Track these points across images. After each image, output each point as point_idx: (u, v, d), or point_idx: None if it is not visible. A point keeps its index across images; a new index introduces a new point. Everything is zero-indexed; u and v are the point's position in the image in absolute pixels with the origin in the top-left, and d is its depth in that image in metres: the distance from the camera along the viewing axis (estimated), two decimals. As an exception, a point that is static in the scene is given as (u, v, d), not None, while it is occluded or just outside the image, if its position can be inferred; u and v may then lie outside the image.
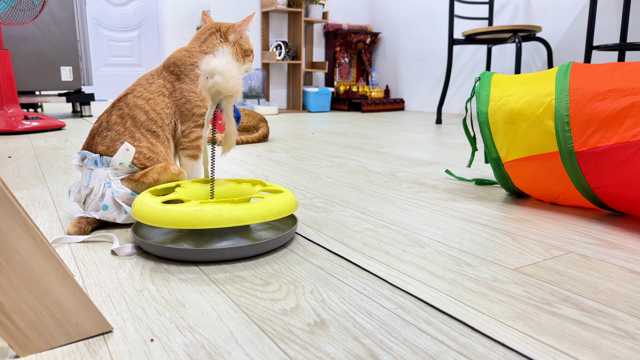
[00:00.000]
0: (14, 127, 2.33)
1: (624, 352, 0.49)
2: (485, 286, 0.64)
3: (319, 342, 0.50)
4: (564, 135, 0.91)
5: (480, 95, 1.07)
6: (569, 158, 0.92)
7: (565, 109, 0.91)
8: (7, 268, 0.46)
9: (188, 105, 0.95)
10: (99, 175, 0.87)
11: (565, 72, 0.97)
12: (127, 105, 0.92)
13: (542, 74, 1.03)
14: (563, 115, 0.91)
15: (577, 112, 0.90)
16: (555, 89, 0.95)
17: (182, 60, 0.96)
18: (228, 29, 0.98)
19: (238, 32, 0.96)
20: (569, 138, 0.91)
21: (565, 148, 0.91)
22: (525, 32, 2.72)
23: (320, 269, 0.70)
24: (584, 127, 0.89)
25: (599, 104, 0.88)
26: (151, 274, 0.68)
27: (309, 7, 4.08)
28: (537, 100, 0.97)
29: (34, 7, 2.52)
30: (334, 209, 1.02)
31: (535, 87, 0.99)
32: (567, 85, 0.93)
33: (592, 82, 0.91)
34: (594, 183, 0.92)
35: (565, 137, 0.91)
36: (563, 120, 0.91)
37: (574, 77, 0.94)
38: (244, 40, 0.97)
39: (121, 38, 5.17)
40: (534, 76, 1.05)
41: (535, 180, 1.02)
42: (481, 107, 1.06)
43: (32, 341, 0.48)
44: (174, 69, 0.96)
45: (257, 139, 2.11)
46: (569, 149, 0.91)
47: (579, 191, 0.96)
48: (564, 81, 0.95)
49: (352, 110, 4.26)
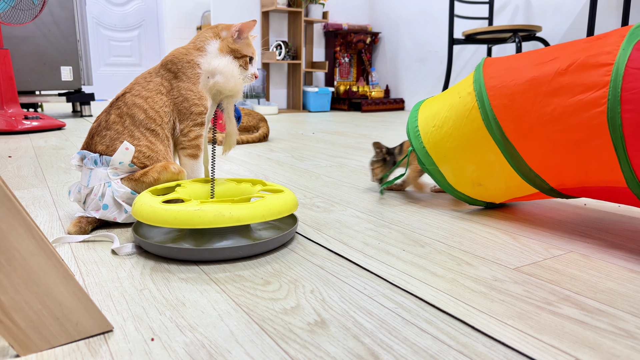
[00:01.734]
0: (14, 127, 2.33)
1: (624, 352, 0.49)
2: (486, 285, 0.64)
3: (319, 342, 0.50)
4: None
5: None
6: (507, 146, 0.88)
7: (490, 111, 0.89)
8: (7, 267, 0.46)
9: (186, 104, 0.95)
10: (98, 174, 0.87)
11: (479, 74, 0.94)
12: (125, 104, 0.92)
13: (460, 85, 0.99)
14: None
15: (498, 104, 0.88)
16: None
17: (179, 58, 0.96)
18: (223, 27, 0.98)
19: (231, 31, 0.96)
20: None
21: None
22: (526, 31, 2.72)
23: (320, 269, 0.70)
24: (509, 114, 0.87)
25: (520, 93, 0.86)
26: (151, 273, 0.68)
27: (309, 7, 4.08)
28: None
29: (34, 7, 2.52)
30: (334, 209, 1.02)
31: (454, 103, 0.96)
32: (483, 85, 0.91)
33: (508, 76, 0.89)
34: (537, 165, 0.87)
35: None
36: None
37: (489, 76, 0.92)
38: (235, 41, 0.96)
39: (121, 38, 5.17)
40: (451, 90, 1.00)
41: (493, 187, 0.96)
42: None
43: (32, 340, 0.48)
44: (172, 67, 0.96)
45: (257, 138, 2.11)
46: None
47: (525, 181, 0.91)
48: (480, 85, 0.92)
49: (352, 110, 4.26)
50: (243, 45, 0.97)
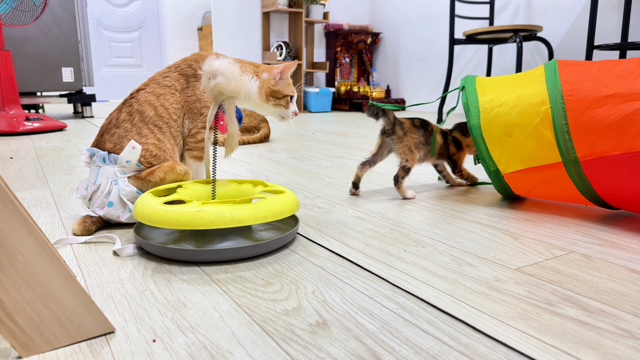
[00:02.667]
0: (15, 128, 2.34)
1: (625, 352, 0.49)
2: (487, 286, 0.64)
3: (320, 343, 0.50)
4: (566, 145, 0.89)
5: (470, 108, 1.03)
6: (574, 167, 0.89)
7: (562, 118, 0.89)
8: (9, 269, 0.46)
9: (198, 104, 0.95)
10: (106, 172, 0.87)
11: (554, 74, 0.93)
12: (137, 101, 0.93)
13: (529, 76, 1.00)
14: (562, 124, 0.88)
15: (576, 120, 0.88)
16: (548, 96, 0.92)
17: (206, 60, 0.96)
18: (264, 69, 0.97)
19: (273, 73, 0.96)
20: (571, 147, 0.88)
21: (568, 157, 0.89)
22: (526, 31, 2.72)
23: (321, 269, 0.70)
24: (586, 136, 0.87)
25: (599, 110, 0.85)
26: (153, 274, 0.68)
27: (309, 8, 4.08)
28: (531, 110, 0.94)
29: (35, 8, 2.52)
30: (335, 209, 1.02)
31: (527, 95, 0.96)
32: (560, 92, 0.90)
33: (586, 87, 0.89)
34: (603, 191, 0.90)
35: (567, 147, 0.89)
36: (562, 130, 0.89)
37: (565, 81, 0.91)
38: (277, 82, 0.97)
39: (122, 39, 5.17)
40: (520, 79, 1.01)
41: (539, 189, 1.00)
42: (473, 120, 1.02)
43: (34, 342, 0.48)
44: (194, 64, 0.96)
45: (258, 139, 2.11)
46: (572, 158, 0.89)
47: (586, 198, 0.95)
48: (556, 87, 0.91)
49: (353, 111, 4.26)
50: (284, 86, 0.97)
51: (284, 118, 1.00)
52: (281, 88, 0.97)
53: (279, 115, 1.00)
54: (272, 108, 0.98)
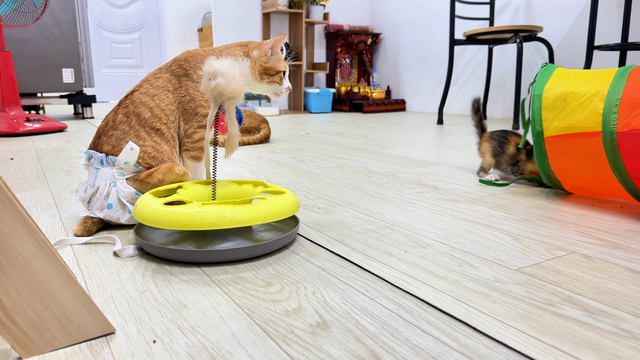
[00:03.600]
0: (15, 129, 2.34)
1: (626, 353, 0.48)
2: (488, 287, 0.64)
3: (321, 343, 0.50)
4: (610, 116, 0.95)
5: (543, 77, 1.12)
6: (610, 138, 0.95)
7: (618, 94, 0.95)
8: (9, 270, 0.46)
9: (192, 104, 0.94)
10: (104, 174, 0.87)
11: (625, 70, 1.00)
12: (133, 102, 0.92)
13: (604, 71, 1.07)
14: (614, 98, 0.95)
15: (627, 97, 0.94)
16: (612, 81, 0.99)
17: (195, 58, 0.95)
18: (254, 46, 0.97)
19: (263, 49, 0.96)
20: (614, 119, 0.94)
21: (608, 128, 0.95)
22: (527, 32, 2.72)
23: (322, 270, 0.70)
24: (630, 110, 0.93)
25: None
26: (153, 275, 0.68)
27: (309, 8, 4.09)
28: (592, 86, 1.01)
29: (35, 9, 2.52)
30: (336, 210, 1.02)
31: (593, 79, 1.03)
32: (625, 78, 0.97)
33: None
34: (630, 166, 0.94)
35: (610, 118, 0.95)
36: (613, 103, 0.95)
37: (633, 74, 0.98)
38: (269, 59, 0.96)
39: (122, 40, 5.18)
40: (595, 73, 1.08)
41: (572, 160, 1.05)
42: (538, 86, 1.11)
43: (34, 343, 0.48)
44: (184, 64, 0.95)
45: (258, 140, 2.11)
46: (611, 128, 0.94)
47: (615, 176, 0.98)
48: (622, 75, 0.98)
49: (353, 111, 4.26)
50: (276, 62, 0.96)
51: (278, 95, 1.00)
52: (273, 64, 0.96)
53: (273, 92, 1.00)
54: (266, 86, 0.98)
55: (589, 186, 1.06)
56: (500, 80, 3.52)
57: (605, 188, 1.02)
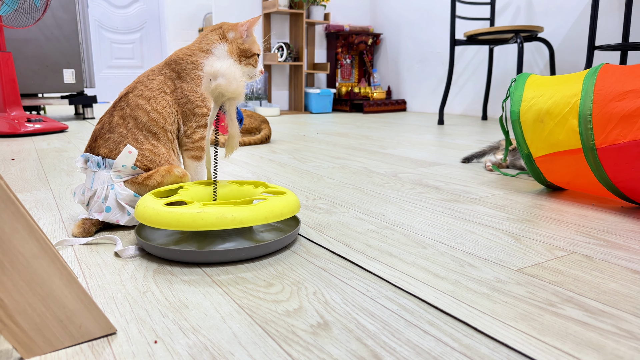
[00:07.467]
0: (16, 130, 2.34)
1: (627, 353, 0.48)
2: (488, 287, 0.64)
3: (322, 344, 0.50)
4: (587, 133, 0.96)
5: (514, 96, 1.14)
6: (591, 154, 0.96)
7: (589, 109, 0.96)
8: (10, 270, 0.47)
9: (189, 105, 0.95)
10: (102, 177, 0.87)
11: (594, 73, 1.01)
12: (128, 105, 0.92)
13: (574, 76, 1.08)
14: (587, 114, 0.96)
15: (599, 111, 0.95)
16: (581, 89, 1.00)
17: (184, 59, 0.96)
18: (229, 28, 0.98)
19: (239, 31, 0.96)
20: (591, 135, 0.95)
21: (587, 145, 0.96)
22: (527, 32, 2.72)
23: (323, 270, 0.70)
24: (604, 125, 0.94)
25: (619, 103, 0.93)
26: (154, 275, 0.68)
27: (310, 9, 4.09)
28: (564, 100, 1.02)
29: (36, 10, 2.53)
30: (337, 211, 1.02)
31: (564, 88, 1.04)
32: (592, 87, 0.98)
33: (615, 83, 0.96)
34: (615, 178, 0.96)
35: (587, 135, 0.96)
36: (586, 119, 0.96)
37: (600, 79, 0.99)
38: (245, 40, 0.97)
39: (123, 40, 5.18)
40: (566, 78, 1.10)
41: (564, 175, 1.07)
42: (514, 107, 1.13)
43: (36, 343, 0.48)
44: (175, 67, 0.95)
45: (259, 140, 2.11)
46: (590, 145, 0.96)
47: (603, 186, 1.00)
48: (590, 82, 0.99)
49: (354, 112, 4.26)
50: (251, 44, 0.97)
51: (251, 77, 1.01)
52: (249, 46, 0.97)
53: (247, 75, 1.00)
54: (243, 68, 0.98)
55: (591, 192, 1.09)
56: (500, 80, 3.52)
57: (606, 193, 1.04)
